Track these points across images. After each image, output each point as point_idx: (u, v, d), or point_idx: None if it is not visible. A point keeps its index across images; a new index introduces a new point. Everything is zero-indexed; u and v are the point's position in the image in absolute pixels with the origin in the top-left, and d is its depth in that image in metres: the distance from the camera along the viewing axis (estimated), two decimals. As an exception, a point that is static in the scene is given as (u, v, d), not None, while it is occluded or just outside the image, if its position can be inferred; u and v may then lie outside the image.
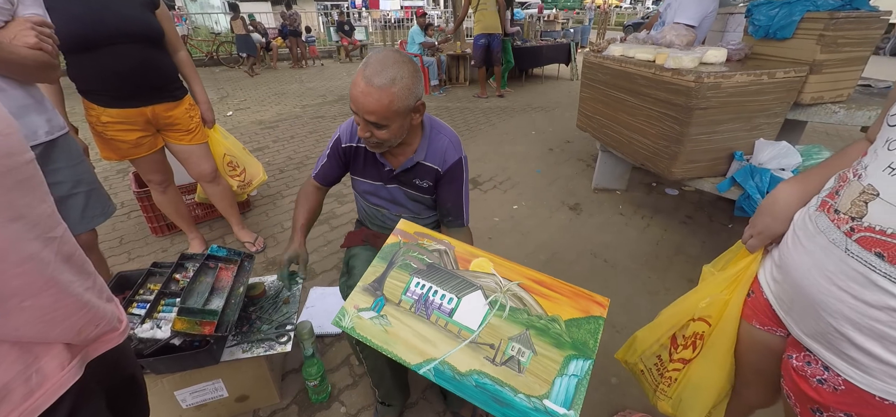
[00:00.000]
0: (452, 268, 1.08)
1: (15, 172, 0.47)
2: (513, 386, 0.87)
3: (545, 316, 1.01)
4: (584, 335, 0.98)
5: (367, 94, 1.02)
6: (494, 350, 0.93)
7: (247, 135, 4.75)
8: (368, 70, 1.02)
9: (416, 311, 0.98)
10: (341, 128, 1.35)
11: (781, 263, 0.80)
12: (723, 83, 1.87)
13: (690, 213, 2.92)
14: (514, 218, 2.91)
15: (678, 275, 2.27)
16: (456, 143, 1.31)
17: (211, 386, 1.38)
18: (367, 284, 1.02)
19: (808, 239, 0.72)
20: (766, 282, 0.86)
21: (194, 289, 1.30)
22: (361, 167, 1.36)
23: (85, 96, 1.71)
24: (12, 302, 0.47)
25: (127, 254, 2.48)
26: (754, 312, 0.89)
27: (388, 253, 1.09)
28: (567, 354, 0.94)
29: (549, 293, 1.05)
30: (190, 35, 11.36)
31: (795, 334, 0.77)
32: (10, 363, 0.50)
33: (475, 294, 1.03)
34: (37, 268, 0.49)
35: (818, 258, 0.69)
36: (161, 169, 2.06)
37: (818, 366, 0.73)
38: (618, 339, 1.84)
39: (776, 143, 2.04)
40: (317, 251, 2.50)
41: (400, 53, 1.07)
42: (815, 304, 0.70)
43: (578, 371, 0.92)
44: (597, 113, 2.85)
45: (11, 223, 0.46)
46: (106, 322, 0.63)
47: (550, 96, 6.71)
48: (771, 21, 2.04)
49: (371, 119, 1.05)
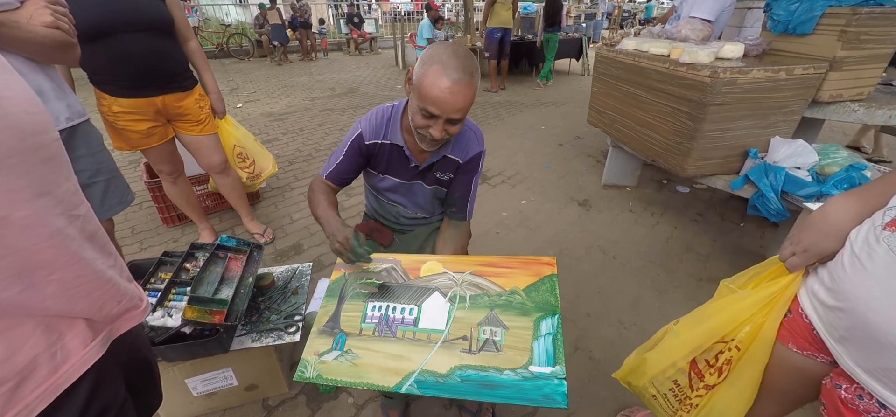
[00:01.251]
0: (404, 281, 1.08)
1: (42, 150, 0.49)
2: (496, 366, 0.88)
3: (504, 291, 1.04)
4: (544, 295, 1.02)
5: (457, 92, 0.97)
6: (468, 341, 0.94)
7: (257, 127, 4.78)
8: (451, 69, 0.96)
9: (380, 333, 0.97)
10: (361, 123, 1.23)
11: (836, 288, 0.70)
12: (739, 79, 1.84)
13: (701, 211, 2.88)
14: (522, 213, 2.89)
15: (687, 274, 2.25)
16: (479, 136, 1.28)
17: (221, 375, 1.40)
18: (321, 327, 1.00)
19: (876, 263, 0.63)
20: (810, 304, 0.77)
21: (204, 279, 1.32)
22: (385, 164, 1.28)
23: (97, 86, 1.73)
24: (40, 273, 0.49)
25: (139, 244, 2.51)
26: (791, 334, 0.80)
27: (335, 289, 1.07)
28: (535, 317, 0.97)
29: (501, 270, 1.08)
30: (201, 27, 11.42)
31: (846, 366, 0.69)
32: (37, 339, 0.52)
33: (433, 296, 1.04)
34: (62, 243, 0.51)
35: (892, 286, 0.60)
36: (171, 159, 2.08)
37: (872, 402, 0.66)
38: (626, 336, 1.83)
39: (792, 141, 2.00)
40: (325, 243, 2.50)
41: (456, 43, 1.03)
42: (884, 338, 0.61)
43: (551, 328, 0.95)
44: (608, 108, 2.82)
45: (39, 197, 0.48)
46: (127, 299, 0.65)
47: (561, 91, 6.65)
48: (791, 16, 2.00)
49: (457, 116, 1.01)
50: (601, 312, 1.97)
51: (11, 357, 0.49)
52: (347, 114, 5.35)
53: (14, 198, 0.45)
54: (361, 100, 6.09)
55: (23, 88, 0.48)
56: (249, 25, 11.83)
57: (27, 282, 0.48)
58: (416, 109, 1.03)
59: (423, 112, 1.01)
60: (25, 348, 0.50)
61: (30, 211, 0.47)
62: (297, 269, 1.68)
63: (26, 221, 0.46)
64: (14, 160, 0.44)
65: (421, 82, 0.99)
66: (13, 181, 0.45)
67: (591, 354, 1.74)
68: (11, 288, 0.47)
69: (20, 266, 0.47)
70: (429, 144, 1.11)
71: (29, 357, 0.50)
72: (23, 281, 0.47)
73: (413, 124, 1.07)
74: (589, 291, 2.11)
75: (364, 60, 10.37)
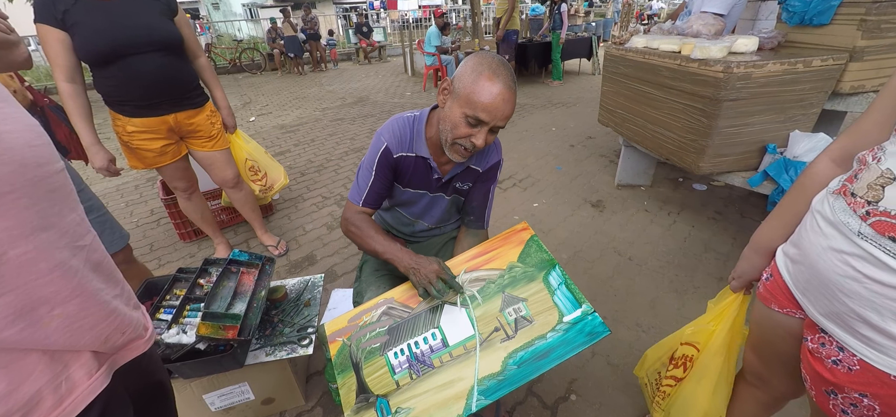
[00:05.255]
0: (408, 313, 1.06)
1: (46, 182, 0.48)
2: (539, 335, 0.92)
3: (504, 271, 1.08)
4: (536, 256, 1.09)
5: (509, 100, 0.98)
6: (501, 330, 0.96)
7: (269, 140, 4.85)
8: (501, 76, 0.97)
9: (418, 374, 0.92)
10: (384, 136, 1.17)
11: (798, 243, 0.81)
12: (754, 73, 1.79)
13: (720, 209, 2.81)
14: (534, 216, 2.86)
15: (707, 274, 2.19)
16: (498, 145, 1.27)
17: (238, 389, 1.41)
18: (354, 405, 0.90)
19: (825, 221, 0.73)
20: (783, 263, 0.86)
21: (217, 294, 1.33)
22: (408, 177, 1.23)
23: (111, 107, 1.77)
24: (42, 310, 0.48)
25: (157, 260, 2.56)
26: (773, 295, 0.88)
27: (344, 361, 1.00)
28: (541, 276, 1.04)
29: (490, 255, 1.14)
30: (213, 43, 11.68)
31: (811, 314, 0.77)
32: (41, 371, 0.51)
33: (446, 310, 1.04)
34: (65, 276, 0.50)
35: (833, 239, 0.69)
36: (185, 176, 2.11)
37: (833, 347, 0.73)
38: (644, 339, 1.79)
39: (813, 135, 1.93)
40: (338, 252, 2.52)
41: (494, 54, 1.03)
42: (830, 284, 0.70)
43: (560, 278, 1.03)
44: (619, 107, 2.78)
45: (42, 232, 0.47)
46: (132, 329, 0.64)
47: (571, 92, 6.59)
48: (807, 7, 1.94)
49: (502, 123, 1.02)
50: (618, 315, 1.93)
51: (15, 391, 0.48)
52: (358, 123, 5.39)
53: (14, 235, 0.44)
54: (371, 109, 6.13)
55: (25, 120, 0.47)
56: (261, 40, 12.06)
57: (29, 319, 0.47)
58: (461, 118, 1.01)
59: (471, 119, 1.00)
60: (30, 380, 0.50)
61: (30, 246, 0.46)
62: (310, 281, 1.68)
63: (26, 257, 0.45)
64: (14, 195, 0.44)
65: (471, 90, 0.98)
66: (12, 217, 0.44)
67: (608, 359, 1.70)
68: (12, 327, 0.46)
69: (20, 303, 0.46)
70: (462, 155, 1.09)
71: (33, 389, 0.50)
72: (24, 319, 0.47)
73: (452, 134, 1.04)
74: (605, 294, 2.07)
75: (373, 69, 10.45)
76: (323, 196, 3.32)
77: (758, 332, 0.99)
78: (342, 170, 3.80)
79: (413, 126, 1.19)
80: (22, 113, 0.48)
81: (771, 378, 1.02)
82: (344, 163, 3.99)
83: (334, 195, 3.32)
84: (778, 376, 1.00)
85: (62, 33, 1.54)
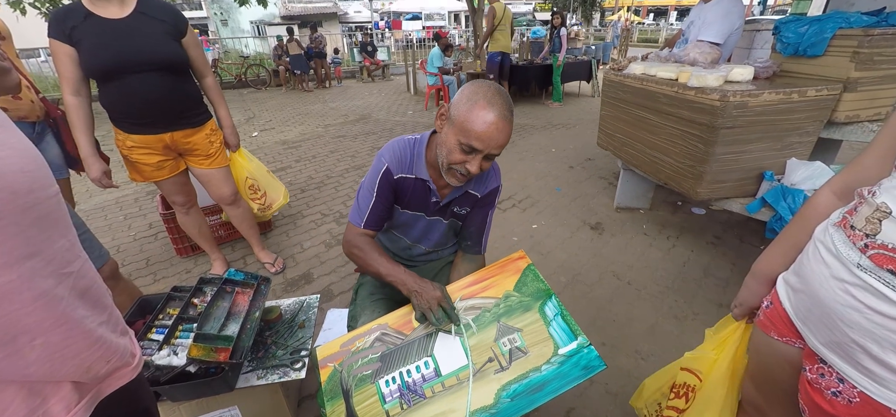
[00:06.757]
0: (401, 340, 1.04)
1: (36, 208, 0.46)
2: (533, 367, 0.90)
3: (499, 299, 1.06)
4: (532, 285, 1.07)
5: (503, 129, 0.98)
6: (495, 361, 0.94)
7: (271, 156, 4.88)
8: (496, 105, 0.97)
9: (409, 404, 0.90)
10: (385, 157, 1.18)
11: (800, 271, 0.81)
12: (750, 101, 1.81)
13: (719, 234, 2.81)
14: (533, 237, 2.86)
15: (706, 299, 2.17)
16: (497, 170, 1.27)
17: (227, 413, 1.38)
18: None
19: (827, 251, 0.73)
20: (784, 291, 0.86)
21: (211, 314, 1.31)
22: (407, 199, 1.23)
23: (112, 122, 1.80)
24: (22, 340, 0.46)
25: (153, 276, 2.55)
26: (772, 322, 0.88)
27: (334, 389, 0.98)
28: (537, 306, 1.02)
29: (486, 283, 1.11)
30: (220, 59, 11.86)
31: (811, 344, 0.77)
32: (18, 406, 0.49)
33: (440, 338, 1.02)
34: (49, 305, 0.48)
35: (835, 268, 0.70)
36: (183, 191, 2.12)
37: (832, 378, 0.72)
38: (643, 367, 1.76)
39: (810, 163, 1.94)
40: (335, 271, 2.51)
41: (494, 83, 1.04)
42: (832, 313, 0.70)
43: (556, 309, 1.01)
44: (618, 131, 2.80)
45: (26, 260, 0.45)
46: (118, 357, 0.61)
47: (571, 113, 6.65)
48: (801, 38, 1.97)
49: (496, 152, 1.02)
50: (617, 341, 1.91)
51: None
52: (359, 140, 5.43)
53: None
54: (373, 127, 6.18)
55: (20, 144, 0.46)
56: (267, 56, 12.25)
57: (8, 350, 0.46)
58: (455, 145, 1.01)
59: (465, 147, 1.00)
60: (4, 416, 0.48)
61: (14, 275, 0.44)
62: (305, 302, 1.67)
63: (10, 286, 0.44)
64: (1, 223, 0.42)
65: (465, 117, 0.98)
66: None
67: (607, 387, 1.68)
68: None
69: (0, 334, 0.44)
70: (458, 180, 1.09)
71: None
72: (3, 349, 0.45)
73: (448, 160, 1.05)
74: (604, 319, 2.06)
75: (376, 87, 10.57)
76: (322, 213, 3.32)
77: (756, 360, 0.98)
78: (342, 188, 3.82)
79: (414, 148, 1.19)
80: (17, 137, 0.47)
81: (769, 409, 1.01)
82: (344, 180, 4.01)
83: (333, 212, 3.32)
84: (776, 407, 0.98)
85: (70, 48, 1.59)
